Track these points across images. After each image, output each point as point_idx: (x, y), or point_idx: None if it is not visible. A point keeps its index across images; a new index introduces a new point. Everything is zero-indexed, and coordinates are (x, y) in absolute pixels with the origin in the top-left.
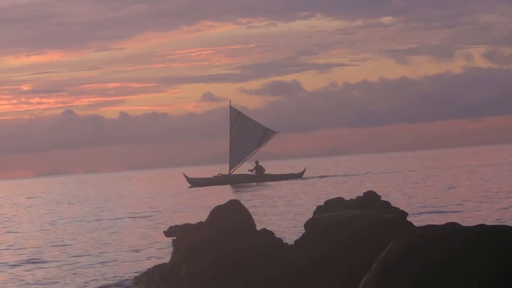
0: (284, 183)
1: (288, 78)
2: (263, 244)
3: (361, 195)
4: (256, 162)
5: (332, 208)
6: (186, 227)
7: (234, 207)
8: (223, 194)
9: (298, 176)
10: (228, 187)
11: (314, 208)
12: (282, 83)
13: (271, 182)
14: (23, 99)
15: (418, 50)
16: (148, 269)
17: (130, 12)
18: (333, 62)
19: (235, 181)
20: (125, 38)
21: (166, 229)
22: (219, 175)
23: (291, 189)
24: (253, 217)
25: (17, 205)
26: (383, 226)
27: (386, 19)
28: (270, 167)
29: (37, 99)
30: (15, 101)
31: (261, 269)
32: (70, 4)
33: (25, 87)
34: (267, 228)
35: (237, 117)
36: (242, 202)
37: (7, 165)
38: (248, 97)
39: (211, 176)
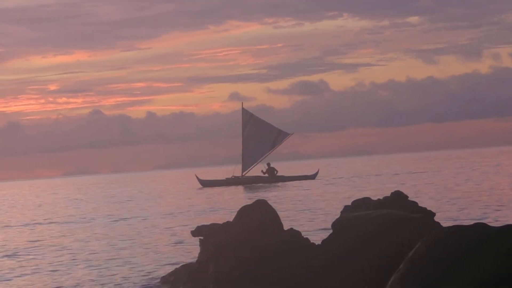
0: (301, 184)
1: (315, 78)
2: (290, 243)
3: (388, 195)
4: (268, 164)
5: (359, 208)
6: (213, 227)
7: (261, 206)
8: (244, 195)
9: (311, 177)
10: (242, 188)
11: (335, 208)
12: (309, 83)
13: (286, 183)
14: (51, 99)
15: (445, 50)
16: (176, 269)
17: (157, 11)
18: (359, 62)
19: (248, 182)
20: (151, 37)
21: (193, 229)
22: (232, 177)
23: (308, 190)
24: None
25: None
26: (410, 225)
27: (413, 19)
28: (295, 167)
29: (64, 99)
30: (42, 101)
31: (288, 268)
32: (97, 4)
33: (52, 87)
34: (294, 228)
35: (249, 119)
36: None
37: (34, 165)
38: (274, 97)
39: (224, 178)
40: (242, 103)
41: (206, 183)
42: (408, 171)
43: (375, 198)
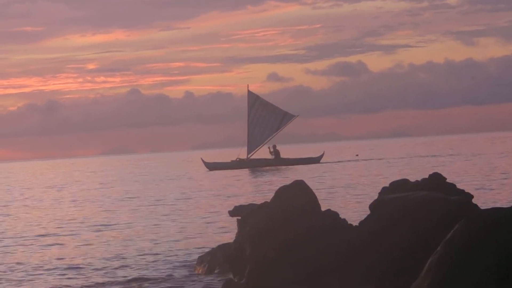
0: (344, 166)
1: (353, 59)
2: (328, 224)
3: (426, 177)
4: (274, 147)
5: (397, 190)
6: (251, 207)
7: (299, 187)
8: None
9: (316, 160)
10: (283, 170)
11: (373, 190)
12: (347, 64)
13: (296, 166)
14: (89, 78)
15: (485, 32)
16: (212, 249)
17: None
18: (398, 44)
19: (253, 165)
20: (190, 17)
21: (231, 209)
22: (237, 159)
23: (347, 172)
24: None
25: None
26: (448, 208)
27: (452, 1)
28: (332, 148)
29: (102, 78)
30: (80, 79)
31: (326, 249)
32: None
33: (90, 66)
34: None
35: (255, 101)
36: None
37: (72, 144)
38: (313, 77)
39: (229, 161)
40: (248, 85)
41: (211, 166)
42: (447, 153)
43: (413, 180)
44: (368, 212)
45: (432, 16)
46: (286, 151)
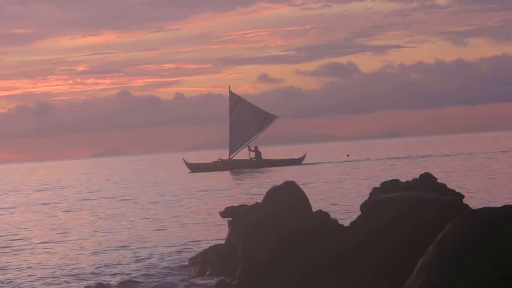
0: (329, 167)
1: (343, 60)
2: (319, 225)
3: (417, 177)
4: (256, 148)
5: (388, 190)
6: (243, 208)
7: (290, 188)
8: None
9: (298, 161)
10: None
11: (362, 190)
12: (338, 65)
13: (280, 167)
14: (79, 80)
15: (475, 32)
16: (204, 250)
17: None
18: (388, 44)
19: (235, 166)
20: (181, 19)
21: (222, 210)
22: (219, 160)
23: (337, 172)
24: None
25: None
26: (439, 207)
27: (442, 1)
28: (324, 149)
29: (93, 80)
30: (71, 81)
31: (318, 250)
32: None
33: (81, 68)
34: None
35: (237, 102)
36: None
37: (63, 146)
38: (303, 78)
39: (211, 161)
40: (230, 86)
41: (193, 167)
42: (438, 153)
43: (404, 180)
44: (359, 212)
45: (423, 17)
46: (278, 152)
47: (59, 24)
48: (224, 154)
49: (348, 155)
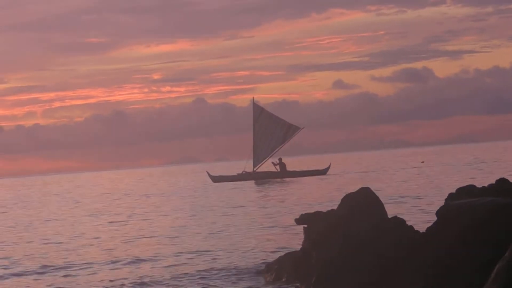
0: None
1: (418, 65)
2: (394, 231)
3: (493, 182)
4: (280, 159)
5: (463, 195)
6: (318, 215)
7: (365, 194)
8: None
9: (323, 172)
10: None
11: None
12: (412, 70)
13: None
14: (154, 88)
15: None
16: (280, 257)
17: (259, 0)
18: (463, 49)
19: (259, 178)
20: (254, 26)
21: (297, 217)
22: (243, 172)
23: (412, 177)
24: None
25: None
26: None
27: None
28: (399, 155)
29: (167, 88)
30: (146, 90)
31: (393, 257)
32: None
33: (155, 76)
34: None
35: (260, 113)
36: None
37: (138, 154)
38: (378, 84)
39: (235, 174)
40: (253, 97)
41: (217, 179)
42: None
43: (480, 186)
44: (435, 218)
45: (497, 21)
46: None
47: (134, 32)
48: (248, 166)
49: (422, 162)
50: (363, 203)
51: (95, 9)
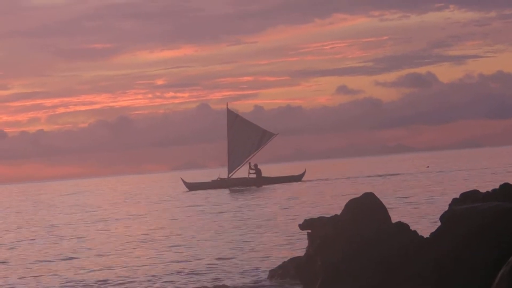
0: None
1: (422, 70)
2: (398, 236)
3: (497, 187)
4: (255, 165)
5: (467, 201)
6: (321, 220)
7: (369, 199)
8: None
9: (298, 178)
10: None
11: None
12: (416, 75)
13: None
14: (158, 94)
15: None
16: (283, 262)
17: (262, 5)
18: (467, 54)
19: (234, 184)
20: (258, 31)
21: (301, 222)
22: (218, 179)
23: (416, 182)
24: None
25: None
26: None
27: None
28: (403, 160)
29: (171, 93)
30: (150, 95)
31: (398, 262)
32: None
33: (159, 82)
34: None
35: (234, 120)
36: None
37: (142, 159)
38: (382, 89)
39: (210, 180)
40: (227, 103)
41: (192, 186)
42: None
43: (483, 191)
44: (439, 223)
45: (501, 26)
46: (359, 164)
47: (137, 38)
48: (223, 173)
49: (427, 167)
50: (367, 208)
51: (99, 15)
